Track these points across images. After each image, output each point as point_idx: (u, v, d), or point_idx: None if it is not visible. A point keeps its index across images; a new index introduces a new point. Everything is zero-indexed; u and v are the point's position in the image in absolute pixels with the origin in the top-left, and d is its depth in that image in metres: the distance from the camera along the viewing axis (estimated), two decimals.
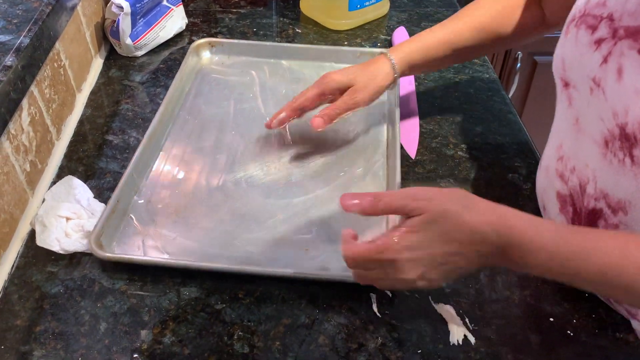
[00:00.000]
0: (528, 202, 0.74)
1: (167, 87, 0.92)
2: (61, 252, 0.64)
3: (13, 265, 0.65)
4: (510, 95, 1.70)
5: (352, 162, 0.78)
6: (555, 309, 0.62)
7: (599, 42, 0.53)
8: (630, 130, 0.49)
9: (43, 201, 0.69)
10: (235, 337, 0.58)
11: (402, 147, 0.81)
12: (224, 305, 0.61)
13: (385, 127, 0.85)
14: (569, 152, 0.61)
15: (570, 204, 0.61)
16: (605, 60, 0.52)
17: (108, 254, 0.63)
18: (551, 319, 0.61)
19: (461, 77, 0.97)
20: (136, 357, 0.56)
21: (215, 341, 0.58)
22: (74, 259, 0.66)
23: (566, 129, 0.61)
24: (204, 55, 0.99)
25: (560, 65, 0.60)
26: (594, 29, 0.54)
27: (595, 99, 0.54)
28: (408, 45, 0.77)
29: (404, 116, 0.86)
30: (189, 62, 0.94)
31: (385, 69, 0.75)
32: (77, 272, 0.64)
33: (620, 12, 0.51)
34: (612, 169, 0.53)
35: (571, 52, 0.57)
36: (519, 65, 1.71)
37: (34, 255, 0.66)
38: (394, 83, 0.78)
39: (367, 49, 0.98)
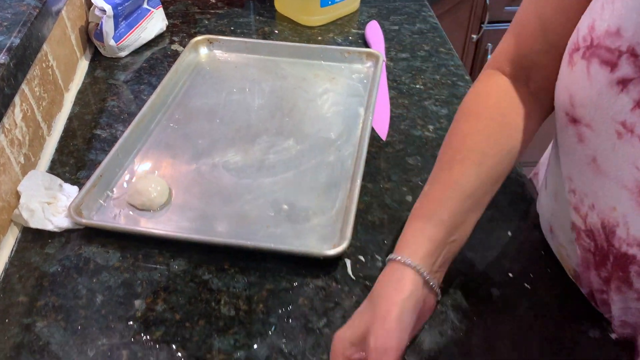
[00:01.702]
0: None
1: (151, 85, 0.97)
2: (56, 230, 0.69)
3: (12, 249, 0.70)
4: None
5: (326, 151, 0.83)
6: (514, 265, 0.67)
7: (623, 82, 0.47)
8: None
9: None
10: (222, 302, 0.64)
11: (373, 130, 0.87)
12: (211, 276, 0.66)
13: (360, 114, 0.90)
14: (583, 189, 0.57)
15: (591, 240, 0.58)
16: (638, 106, 0.47)
17: (85, 220, 0.69)
18: (510, 274, 0.66)
19: (428, 65, 1.03)
20: (131, 324, 0.61)
21: (203, 307, 0.63)
22: (68, 241, 0.70)
23: (578, 165, 0.56)
24: (202, 51, 1.04)
25: (567, 100, 0.54)
26: (612, 66, 0.47)
27: (626, 145, 0.49)
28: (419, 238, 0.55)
29: (377, 100, 0.92)
30: (186, 57, 1.00)
31: (401, 277, 0.52)
32: (72, 252, 0.69)
33: None
34: None
35: (583, 90, 0.51)
36: (489, 56, 1.78)
37: (32, 239, 0.71)
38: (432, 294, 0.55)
39: (355, 48, 1.02)
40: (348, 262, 0.68)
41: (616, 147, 0.50)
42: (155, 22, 1.10)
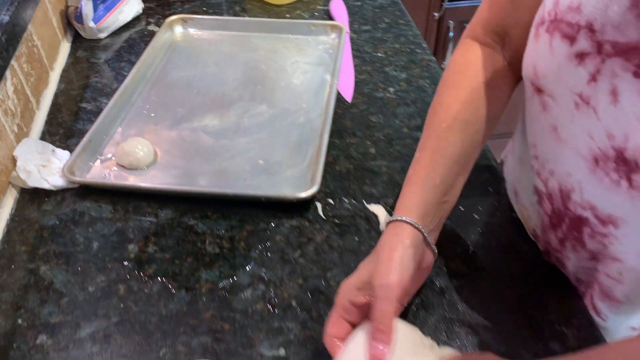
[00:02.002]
0: None
1: (130, 62, 1.04)
2: (52, 188, 0.76)
3: (12, 208, 0.76)
4: (445, 62, 1.86)
5: (296, 114, 0.91)
6: (464, 201, 0.76)
7: (581, 56, 0.50)
8: (630, 156, 0.49)
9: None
10: (207, 242, 0.71)
11: (339, 94, 0.95)
12: (196, 222, 0.74)
13: (326, 80, 0.98)
14: (545, 155, 0.61)
15: (549, 203, 0.63)
16: (594, 79, 0.49)
17: (78, 178, 0.76)
18: (461, 208, 0.75)
19: (388, 35, 1.12)
20: (126, 264, 0.69)
21: (190, 247, 0.71)
22: (64, 199, 0.77)
23: (541, 133, 0.61)
24: (177, 30, 1.11)
25: (531, 71, 0.57)
26: (572, 39, 0.50)
27: (582, 116, 0.52)
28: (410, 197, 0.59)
29: (342, 67, 1.00)
30: (162, 36, 1.06)
31: (401, 232, 0.56)
32: (67, 207, 0.76)
33: (600, 22, 0.46)
34: (602, 186, 0.53)
35: (545, 62, 0.54)
36: (451, 34, 1.87)
37: (29, 198, 0.77)
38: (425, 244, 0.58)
39: (320, 22, 1.10)
40: (319, 205, 0.76)
41: (574, 117, 0.53)
42: (131, 5, 1.16)
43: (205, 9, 1.21)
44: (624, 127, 0.48)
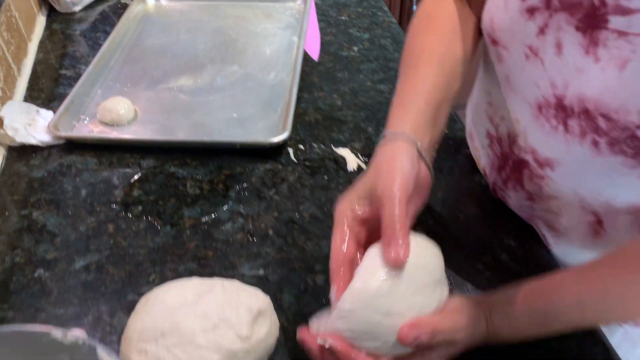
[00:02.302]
0: None
1: (106, 33, 1.08)
2: (39, 144, 0.81)
3: (1, 164, 0.81)
4: None
5: (267, 72, 0.97)
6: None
7: (531, 10, 0.53)
8: (568, 103, 0.53)
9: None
10: (188, 185, 0.77)
11: (307, 53, 1.01)
12: (177, 168, 0.80)
13: (294, 41, 1.04)
14: (498, 103, 0.66)
15: (498, 145, 0.68)
16: (542, 32, 0.54)
17: (64, 134, 0.81)
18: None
19: (352, 0, 1.18)
20: (114, 206, 0.74)
21: (173, 190, 0.76)
22: (50, 154, 0.82)
23: (495, 82, 0.65)
24: (149, 1, 1.15)
25: (489, 24, 0.61)
26: None
27: (531, 66, 0.57)
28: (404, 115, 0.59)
29: (308, 30, 1.06)
30: (136, 7, 1.11)
31: (396, 145, 0.55)
32: (55, 161, 0.81)
33: None
34: (543, 131, 0.58)
35: (500, 16, 0.58)
36: (414, 7, 1.94)
37: (17, 155, 0.82)
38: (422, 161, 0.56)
39: None
40: (290, 150, 0.82)
41: (524, 68, 0.57)
42: None
43: None
44: (565, 76, 0.53)
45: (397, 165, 0.52)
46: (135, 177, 0.78)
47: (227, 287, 0.58)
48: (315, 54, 1.02)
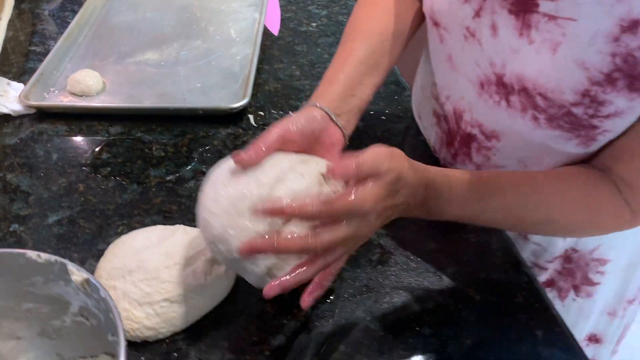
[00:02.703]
0: None
1: (74, 12, 1.12)
2: (10, 112, 0.85)
3: None
4: None
5: (229, 47, 1.02)
6: (380, 128, 0.89)
7: None
8: (507, 81, 0.57)
9: None
10: (154, 148, 0.82)
11: (267, 28, 1.06)
12: (143, 134, 0.85)
13: (255, 18, 1.09)
14: (443, 82, 0.69)
15: (445, 123, 0.72)
16: (478, 15, 0.57)
17: (35, 103, 0.86)
18: (378, 132, 0.88)
19: None
20: (84, 168, 0.79)
21: (139, 153, 0.82)
22: (22, 123, 0.86)
23: (439, 62, 0.69)
24: None
25: (429, 6, 0.65)
26: None
27: (470, 46, 0.60)
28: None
29: (268, 7, 1.12)
30: None
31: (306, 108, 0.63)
32: (27, 129, 0.85)
33: None
34: (487, 106, 0.62)
35: None
36: None
37: None
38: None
39: None
40: (251, 117, 0.88)
41: (464, 48, 0.62)
42: None
43: None
44: (501, 56, 0.57)
45: (290, 117, 0.59)
46: (104, 142, 0.83)
47: (188, 231, 0.64)
48: (275, 29, 1.07)
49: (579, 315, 0.78)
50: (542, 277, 0.76)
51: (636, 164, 0.54)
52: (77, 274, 0.44)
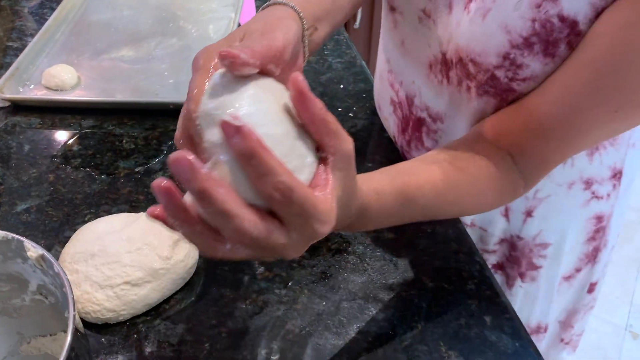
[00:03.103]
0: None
1: (53, 10, 1.14)
2: None
3: None
4: (357, 25, 2.02)
5: (203, 44, 1.03)
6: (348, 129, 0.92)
7: None
8: (449, 57, 0.60)
9: None
10: (124, 141, 0.84)
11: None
12: (114, 127, 0.87)
13: (231, 17, 1.12)
14: (396, 68, 0.72)
15: (400, 110, 0.74)
16: None
17: (9, 95, 0.87)
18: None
19: None
20: (54, 159, 0.81)
21: (110, 145, 0.83)
22: None
23: (393, 48, 0.71)
24: None
25: None
26: None
27: (424, 28, 0.63)
28: None
29: (244, 6, 1.14)
30: None
31: (284, 10, 0.52)
32: (0, 122, 0.87)
33: None
34: (433, 87, 0.65)
35: None
36: None
37: None
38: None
39: None
40: None
41: (417, 30, 0.64)
42: None
43: None
44: (449, 32, 0.59)
45: (281, 33, 0.46)
46: (76, 135, 0.85)
47: None
48: None
49: (524, 301, 0.81)
50: (492, 260, 0.79)
51: (532, 126, 0.56)
52: (33, 250, 0.46)
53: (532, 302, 0.81)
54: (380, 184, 0.49)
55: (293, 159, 0.37)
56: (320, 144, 0.38)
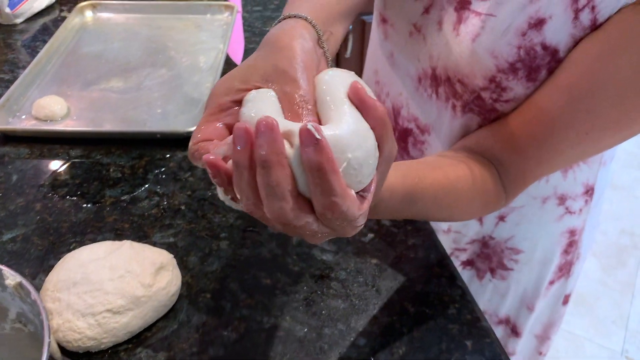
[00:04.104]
0: None
1: (45, 42, 1.16)
2: None
3: None
4: (348, 54, 2.05)
5: (192, 75, 1.06)
6: None
7: None
8: (438, 73, 0.63)
9: None
10: (111, 170, 0.85)
11: (230, 57, 1.11)
12: (102, 156, 0.88)
13: (219, 48, 1.14)
14: (384, 79, 0.74)
15: None
16: (427, 11, 0.62)
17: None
18: None
19: (277, 14, 1.29)
20: (41, 188, 0.82)
21: (97, 174, 0.84)
22: None
23: (381, 59, 0.72)
24: (88, 14, 1.24)
25: (381, 3, 0.68)
26: None
27: (413, 42, 0.65)
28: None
29: (232, 37, 1.16)
30: (73, 19, 1.19)
31: (296, 25, 0.48)
32: None
33: None
34: (422, 100, 0.67)
35: None
36: (350, 26, 2.07)
37: None
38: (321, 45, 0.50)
39: (214, 2, 1.26)
40: None
41: (407, 44, 0.66)
42: None
43: None
44: (439, 49, 0.62)
45: (298, 47, 0.43)
46: (64, 164, 0.86)
47: (135, 246, 0.67)
48: (238, 59, 1.12)
49: (493, 294, 0.82)
50: (463, 257, 0.81)
51: (511, 144, 0.59)
52: (11, 278, 0.47)
53: (502, 296, 0.83)
54: (394, 183, 0.49)
55: (364, 171, 0.38)
56: (378, 143, 0.39)
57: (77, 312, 0.60)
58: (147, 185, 0.82)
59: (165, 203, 0.80)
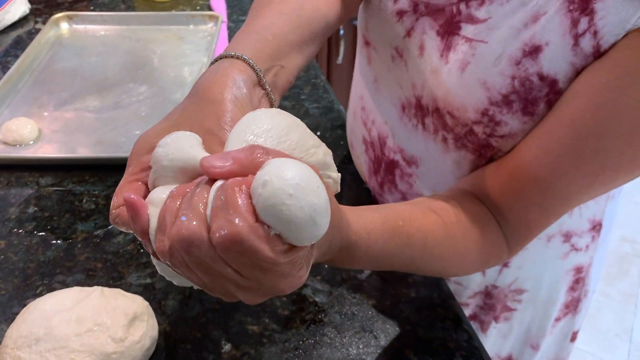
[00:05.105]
0: None
1: (18, 57, 1.09)
2: None
3: None
4: (340, 61, 1.99)
5: (173, 91, 1.00)
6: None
7: (401, 13, 0.57)
8: (424, 103, 0.58)
9: None
10: (84, 201, 0.78)
11: None
12: (74, 185, 0.81)
13: (203, 61, 1.07)
14: (369, 106, 0.69)
15: (372, 150, 0.70)
16: (408, 34, 0.57)
17: None
18: None
19: None
20: (7, 223, 0.75)
21: (68, 205, 0.78)
22: None
23: (366, 84, 0.68)
24: (63, 26, 1.17)
25: (364, 24, 0.64)
26: None
27: (395, 67, 0.60)
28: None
29: (216, 50, 1.10)
30: (49, 32, 1.12)
31: (230, 67, 0.46)
32: None
33: None
34: (407, 130, 0.62)
35: (374, 16, 0.60)
36: (342, 31, 2.01)
37: None
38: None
39: (198, 12, 1.20)
40: None
41: (389, 69, 0.61)
42: (17, 6, 1.22)
43: (92, 8, 1.28)
44: (422, 77, 0.57)
45: (230, 98, 0.42)
46: (32, 195, 0.79)
47: (106, 293, 0.60)
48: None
49: (497, 337, 0.77)
50: (465, 312, 0.75)
51: (511, 188, 0.53)
52: None
53: (504, 337, 0.77)
54: (372, 224, 0.46)
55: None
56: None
57: None
58: None
59: None
